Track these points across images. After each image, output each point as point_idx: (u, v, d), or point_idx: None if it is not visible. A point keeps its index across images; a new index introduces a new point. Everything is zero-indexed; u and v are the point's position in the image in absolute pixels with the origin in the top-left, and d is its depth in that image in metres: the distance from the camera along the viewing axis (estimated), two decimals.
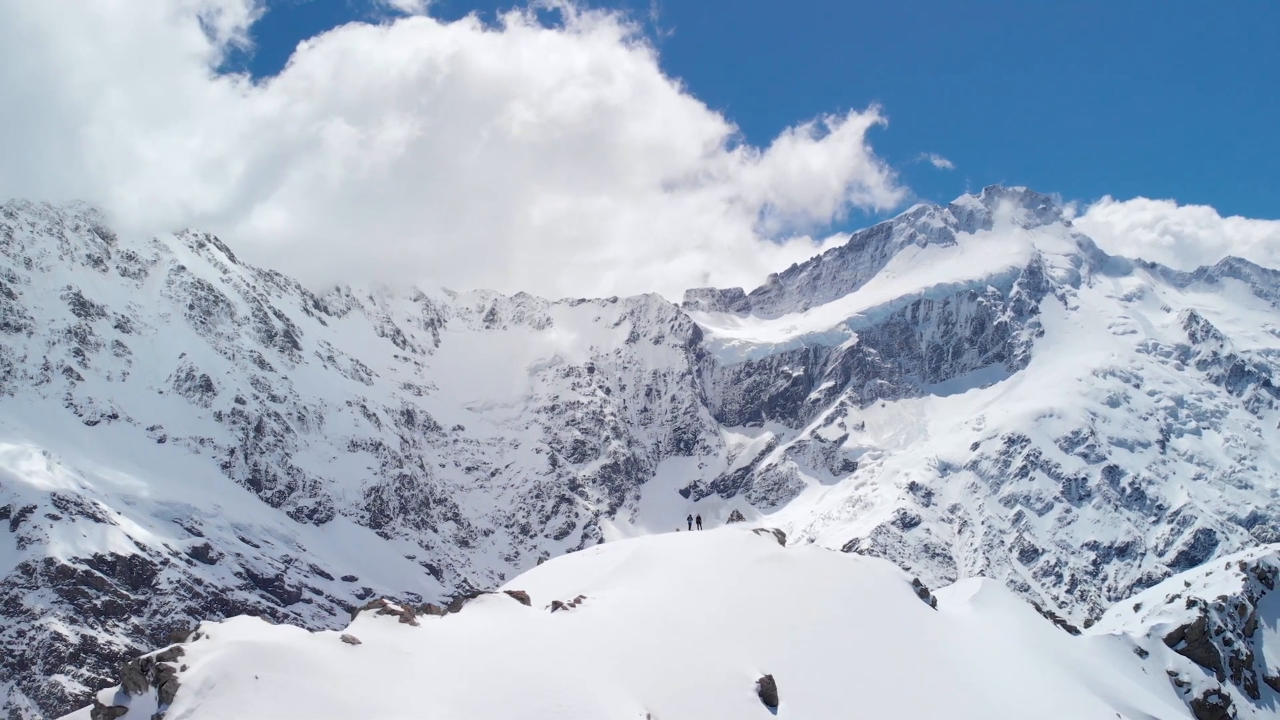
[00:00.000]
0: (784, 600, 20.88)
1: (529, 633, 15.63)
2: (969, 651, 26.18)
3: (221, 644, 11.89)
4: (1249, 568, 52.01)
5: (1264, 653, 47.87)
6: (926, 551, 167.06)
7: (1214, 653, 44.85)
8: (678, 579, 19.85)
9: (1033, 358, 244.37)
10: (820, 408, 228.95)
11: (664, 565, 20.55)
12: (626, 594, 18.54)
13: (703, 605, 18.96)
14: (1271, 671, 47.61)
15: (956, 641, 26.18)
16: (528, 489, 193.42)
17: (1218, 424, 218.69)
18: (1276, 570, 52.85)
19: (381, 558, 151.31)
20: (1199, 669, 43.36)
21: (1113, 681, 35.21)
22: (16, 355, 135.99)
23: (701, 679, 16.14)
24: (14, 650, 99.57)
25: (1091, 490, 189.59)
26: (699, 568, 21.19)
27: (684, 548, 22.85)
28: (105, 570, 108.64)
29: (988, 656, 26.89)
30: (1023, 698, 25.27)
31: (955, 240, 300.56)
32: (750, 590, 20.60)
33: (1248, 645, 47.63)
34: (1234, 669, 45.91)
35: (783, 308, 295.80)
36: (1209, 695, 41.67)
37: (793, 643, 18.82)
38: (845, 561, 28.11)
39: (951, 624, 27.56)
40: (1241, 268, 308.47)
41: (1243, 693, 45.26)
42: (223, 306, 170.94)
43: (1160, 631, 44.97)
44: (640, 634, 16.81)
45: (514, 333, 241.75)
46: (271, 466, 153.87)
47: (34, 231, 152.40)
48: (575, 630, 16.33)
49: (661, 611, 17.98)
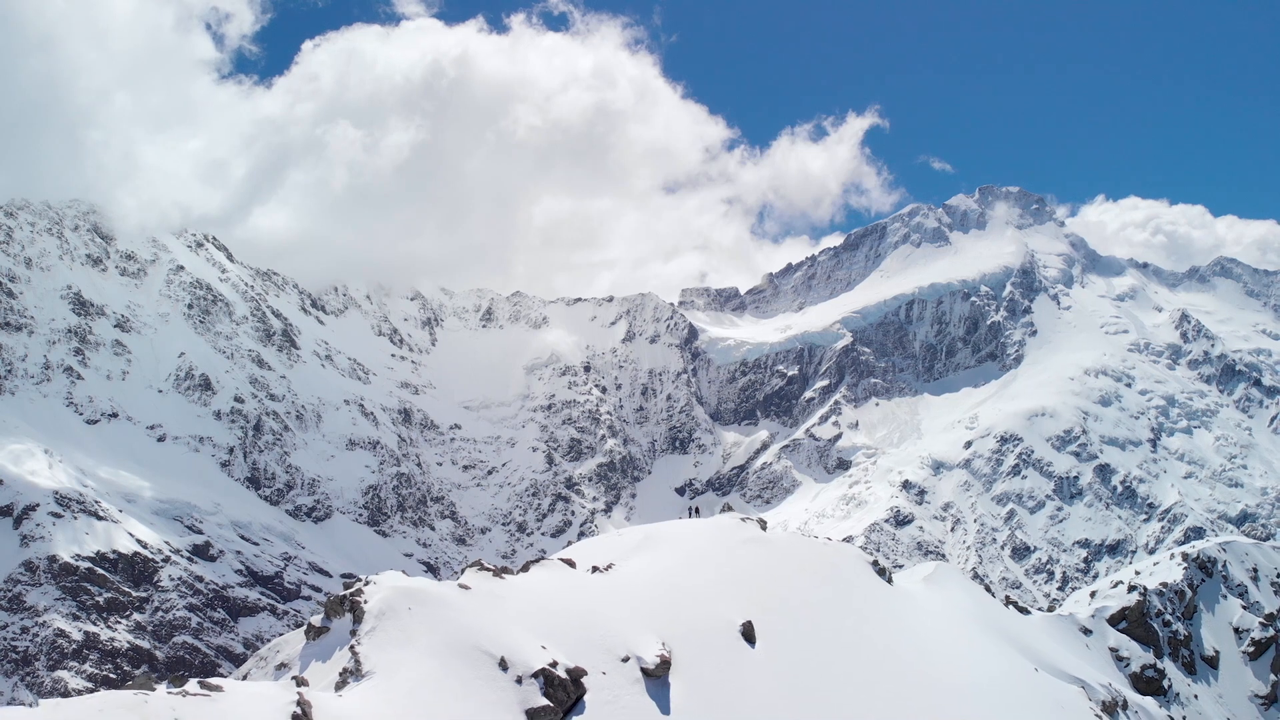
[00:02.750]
0: (763, 570, 27.19)
1: (577, 587, 22.27)
2: (917, 617, 30.98)
3: (385, 588, 18.26)
4: (1190, 558, 56.57)
5: (1201, 634, 52.38)
6: (919, 549, 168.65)
7: (1153, 632, 49.26)
8: (681, 553, 26.51)
9: (1025, 357, 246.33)
10: (815, 406, 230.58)
11: (671, 544, 27.15)
12: (644, 563, 25.32)
13: (700, 572, 25.64)
14: (1208, 650, 51.93)
15: (905, 608, 31.14)
16: (524, 487, 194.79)
17: (1209, 423, 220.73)
18: (1216, 560, 57.06)
19: (379, 555, 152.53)
20: (1138, 646, 47.57)
21: (1053, 653, 38.75)
22: (17, 354, 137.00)
23: (700, 623, 22.70)
24: (17, 647, 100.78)
25: (1083, 489, 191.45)
26: (697, 546, 27.61)
27: (686, 531, 29.24)
28: (107, 568, 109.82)
29: (934, 622, 31.62)
30: (962, 654, 30.34)
31: (949, 240, 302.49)
32: (737, 563, 27.04)
33: (1186, 627, 52.01)
34: (1172, 647, 50.21)
35: (778, 307, 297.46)
36: (1145, 669, 46.02)
37: (768, 600, 25.06)
38: (814, 543, 33.80)
39: (903, 595, 32.59)
40: (1233, 268, 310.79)
41: (1180, 669, 49.57)
42: (221, 306, 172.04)
43: (1104, 613, 49.18)
44: (655, 591, 23.32)
45: (510, 332, 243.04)
46: (270, 465, 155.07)
47: (34, 231, 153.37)
48: (609, 587, 22.89)
49: (670, 576, 24.76)
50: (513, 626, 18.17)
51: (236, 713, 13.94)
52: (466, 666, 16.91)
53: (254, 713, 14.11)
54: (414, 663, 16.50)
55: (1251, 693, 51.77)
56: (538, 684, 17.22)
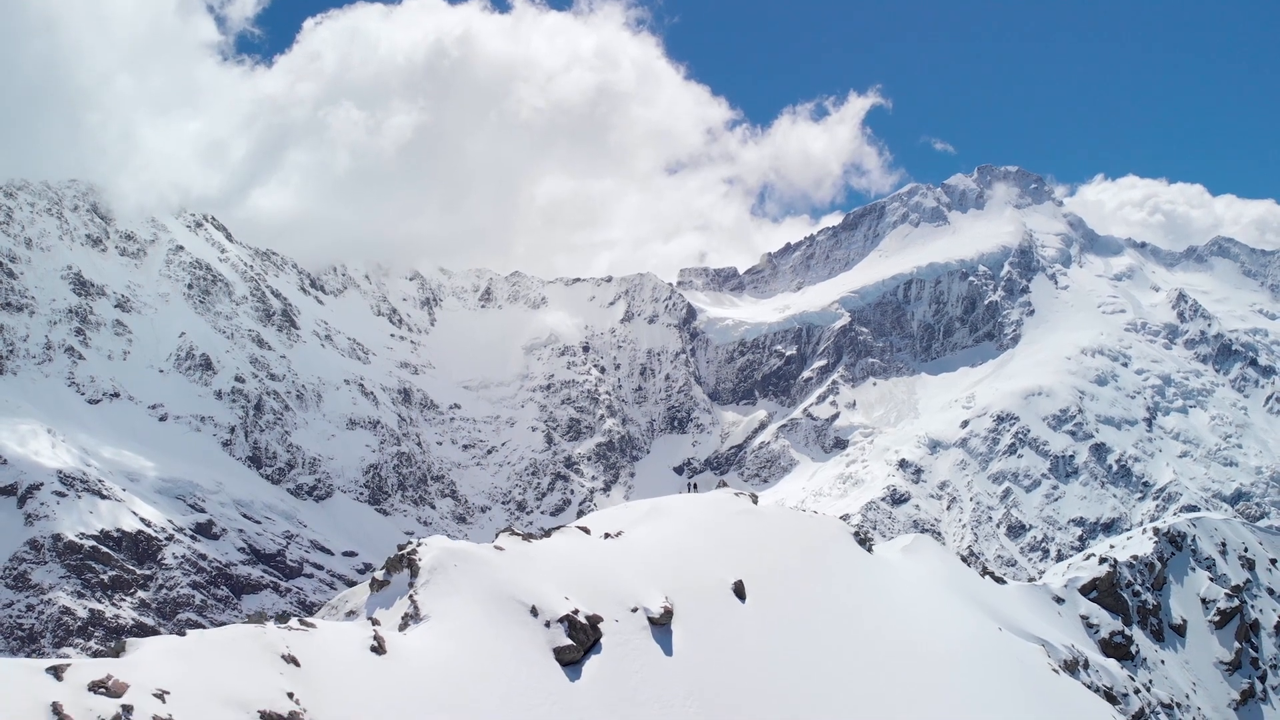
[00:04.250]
0: (753, 538, 30.59)
1: (593, 550, 26.33)
2: (891, 581, 34.30)
3: (435, 549, 22.24)
4: (1161, 533, 59.69)
5: (1170, 604, 55.50)
6: (915, 527, 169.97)
7: (1122, 601, 52.18)
8: (682, 522, 29.93)
9: (1023, 337, 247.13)
10: (812, 386, 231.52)
11: (673, 514, 30.73)
12: (649, 530, 28.94)
13: (698, 539, 29.00)
14: (1176, 619, 54.99)
15: (883, 573, 34.44)
16: (524, 466, 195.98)
17: (1204, 402, 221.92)
18: (1185, 535, 60.18)
19: (381, 533, 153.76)
20: (1107, 614, 50.49)
21: (1021, 617, 41.55)
22: (19, 335, 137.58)
23: (697, 581, 25.95)
24: (23, 624, 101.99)
25: (1078, 467, 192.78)
26: (696, 516, 31.03)
27: (686, 504, 32.78)
28: (112, 546, 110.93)
29: (906, 586, 35.05)
30: (930, 614, 33.56)
31: (948, 220, 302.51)
32: (730, 531, 30.46)
33: (1155, 597, 54.97)
34: (1141, 616, 53.19)
35: (776, 287, 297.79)
36: (1114, 635, 48.97)
37: (757, 563, 28.51)
38: (801, 515, 37.24)
39: (881, 563, 35.80)
40: (1230, 247, 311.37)
41: (1149, 636, 52.52)
42: (221, 286, 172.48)
43: (1076, 583, 52.15)
44: (659, 553, 27.04)
45: (509, 312, 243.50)
46: (271, 444, 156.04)
47: (33, 211, 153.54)
48: (620, 550, 26.82)
49: (672, 541, 28.30)
50: (540, 581, 22.00)
51: (329, 643, 17.87)
52: (503, 613, 20.77)
53: (342, 643, 18.10)
54: (461, 609, 20.45)
55: (1216, 659, 54.63)
56: (563, 628, 21.09)
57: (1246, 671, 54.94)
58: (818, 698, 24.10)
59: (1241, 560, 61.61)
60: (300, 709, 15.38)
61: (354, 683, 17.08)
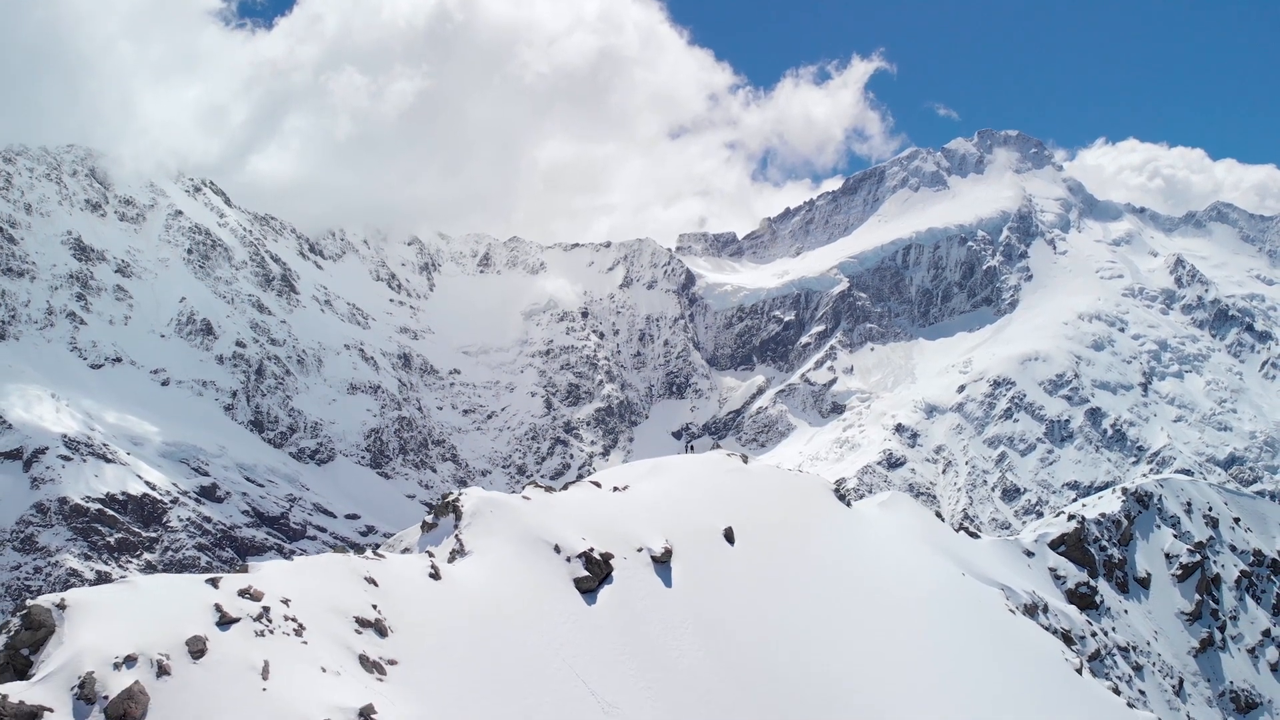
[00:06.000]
0: (742, 492, 34.40)
1: (604, 500, 30.67)
2: (867, 531, 38.07)
3: (474, 498, 26.35)
4: (1129, 492, 63.57)
5: (1135, 558, 59.50)
6: (911, 490, 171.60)
7: (1089, 555, 56.00)
8: (680, 478, 33.99)
9: (1020, 302, 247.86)
10: (810, 352, 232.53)
11: (672, 471, 34.66)
12: (652, 485, 32.93)
13: (694, 492, 32.95)
14: (1140, 573, 58.77)
15: (858, 524, 38.18)
16: (523, 431, 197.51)
17: (1200, 367, 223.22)
18: (1152, 495, 63.90)
19: (383, 496, 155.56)
20: (1074, 567, 54.15)
21: (987, 566, 44.96)
22: (20, 300, 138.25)
23: (693, 527, 29.74)
24: (31, 586, 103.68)
25: (1074, 431, 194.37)
26: (692, 473, 34.99)
27: (684, 463, 36.86)
28: (117, 509, 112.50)
29: (881, 536, 38.76)
30: (898, 559, 37.55)
31: (947, 184, 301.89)
32: (722, 486, 34.44)
33: (1121, 552, 58.75)
34: (1107, 569, 57.04)
35: (775, 252, 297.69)
36: (1079, 585, 52.67)
37: (745, 513, 32.07)
38: (786, 473, 41.13)
39: (859, 516, 39.45)
40: (1229, 213, 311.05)
41: (1114, 588, 56.38)
42: (220, 251, 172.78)
43: (1046, 538, 55.96)
44: (660, 504, 30.88)
45: (508, 277, 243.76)
46: (273, 409, 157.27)
47: (32, 177, 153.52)
48: (626, 501, 30.89)
49: (671, 494, 32.20)
50: (561, 525, 26.28)
51: (397, 570, 21.89)
52: (532, 550, 24.93)
53: (408, 570, 22.12)
54: (498, 546, 24.70)
55: (1178, 610, 58.38)
56: (580, 562, 25.19)
57: (1206, 622, 58.47)
58: (793, 624, 28.32)
59: (1206, 519, 65.06)
60: (382, 617, 19.66)
61: (418, 601, 21.06)
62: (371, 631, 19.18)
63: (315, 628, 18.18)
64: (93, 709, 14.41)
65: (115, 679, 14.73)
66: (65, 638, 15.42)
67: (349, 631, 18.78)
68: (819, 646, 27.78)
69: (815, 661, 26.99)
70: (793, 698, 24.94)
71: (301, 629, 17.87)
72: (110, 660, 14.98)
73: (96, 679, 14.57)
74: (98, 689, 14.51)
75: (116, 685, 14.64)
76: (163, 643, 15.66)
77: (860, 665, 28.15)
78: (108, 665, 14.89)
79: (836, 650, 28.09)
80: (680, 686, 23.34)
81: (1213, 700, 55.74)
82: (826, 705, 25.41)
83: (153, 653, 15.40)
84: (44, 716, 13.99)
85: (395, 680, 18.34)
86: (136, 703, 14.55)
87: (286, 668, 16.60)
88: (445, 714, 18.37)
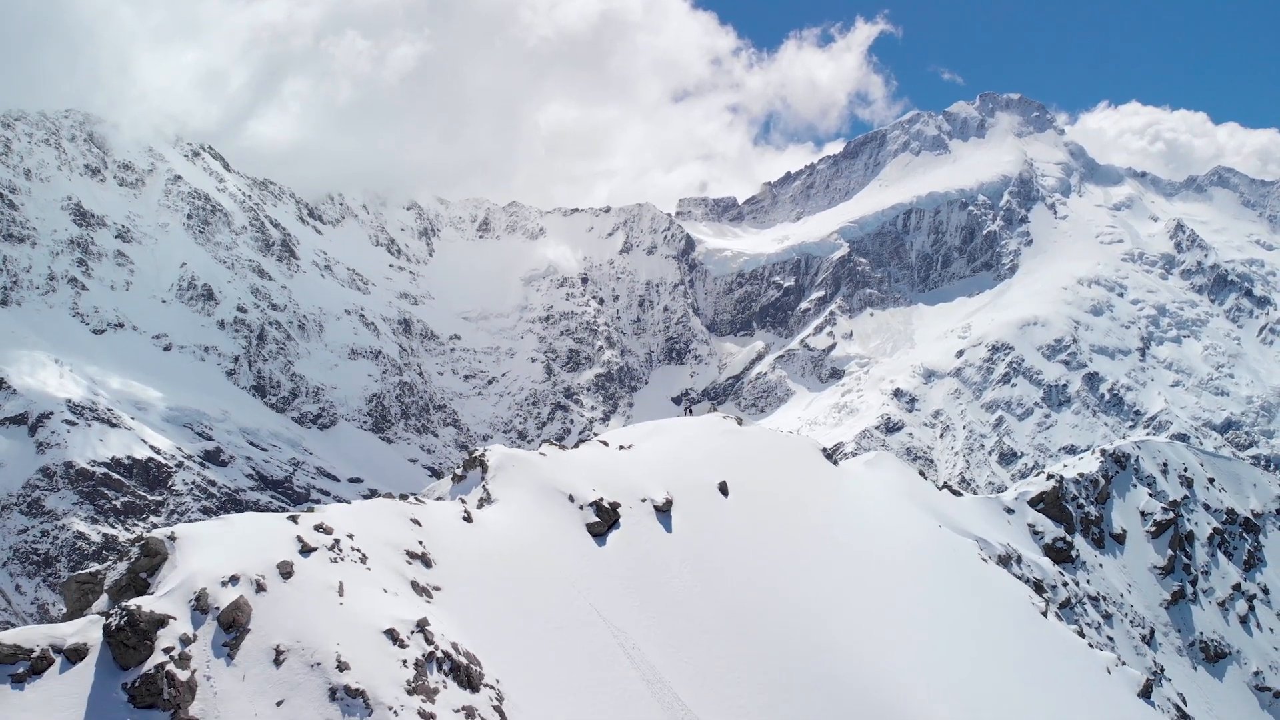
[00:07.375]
0: (737, 452, 37.52)
1: (611, 457, 34.19)
2: (851, 487, 41.08)
3: (497, 454, 30.14)
4: (1107, 454, 66.06)
5: (1111, 516, 62.33)
6: (908, 454, 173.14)
7: (1066, 512, 58.95)
8: (679, 439, 37.53)
9: (1020, 267, 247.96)
10: (810, 317, 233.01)
11: (672, 432, 38.72)
12: (654, 445, 36.58)
13: (692, 451, 36.10)
14: (1116, 529, 61.71)
15: (843, 481, 41.28)
16: (524, 396, 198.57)
17: (1198, 332, 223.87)
18: (1129, 456, 66.56)
19: (385, 460, 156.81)
20: (1051, 523, 57.20)
21: (969, 523, 47.79)
22: (21, 266, 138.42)
23: (691, 481, 32.82)
24: (38, 549, 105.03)
25: (1071, 396, 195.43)
26: (691, 434, 38.75)
27: (683, 424, 40.79)
28: (123, 473, 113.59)
29: (865, 492, 41.65)
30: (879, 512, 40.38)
31: (949, 148, 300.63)
32: (718, 445, 37.61)
33: (1098, 509, 61.54)
34: (1084, 526, 60.03)
35: (776, 216, 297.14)
36: (1056, 541, 55.70)
37: (738, 470, 35.05)
38: (777, 434, 44.81)
39: (844, 472, 42.62)
40: (1230, 177, 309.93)
41: (1090, 543, 59.34)
42: (220, 216, 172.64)
43: (1025, 496, 59.16)
44: (662, 461, 34.11)
45: (507, 243, 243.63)
46: (275, 373, 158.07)
47: (31, 142, 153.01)
48: (632, 458, 34.24)
49: (671, 452, 35.53)
50: (574, 477, 29.87)
51: (436, 513, 25.68)
52: (549, 499, 28.54)
53: (444, 514, 25.88)
54: (520, 496, 28.38)
55: (1151, 564, 61.35)
56: (592, 510, 28.66)
57: (1178, 576, 61.27)
58: (779, 566, 31.29)
59: (1181, 479, 67.79)
60: (426, 550, 23.54)
61: (455, 539, 24.83)
62: (419, 563, 22.94)
63: (375, 557, 21.89)
64: (206, 617, 17.73)
65: (224, 594, 18.15)
66: (178, 563, 18.74)
67: (401, 562, 22.45)
68: (801, 584, 30.75)
69: (798, 598, 29.91)
70: (776, 626, 28.02)
71: (365, 558, 21.53)
72: (219, 579, 18.38)
73: (209, 594, 17.97)
74: (210, 601, 17.89)
75: (225, 598, 18.06)
76: (258, 566, 19.08)
77: (837, 601, 31.04)
78: (216, 583, 18.29)
79: (817, 587, 31.11)
80: (679, 615, 26.51)
81: (1182, 649, 58.22)
82: (804, 633, 28.30)
83: (251, 573, 18.77)
84: (169, 623, 17.20)
85: (440, 603, 22.04)
86: (243, 612, 18.00)
87: (356, 588, 20.19)
88: (481, 631, 21.91)
